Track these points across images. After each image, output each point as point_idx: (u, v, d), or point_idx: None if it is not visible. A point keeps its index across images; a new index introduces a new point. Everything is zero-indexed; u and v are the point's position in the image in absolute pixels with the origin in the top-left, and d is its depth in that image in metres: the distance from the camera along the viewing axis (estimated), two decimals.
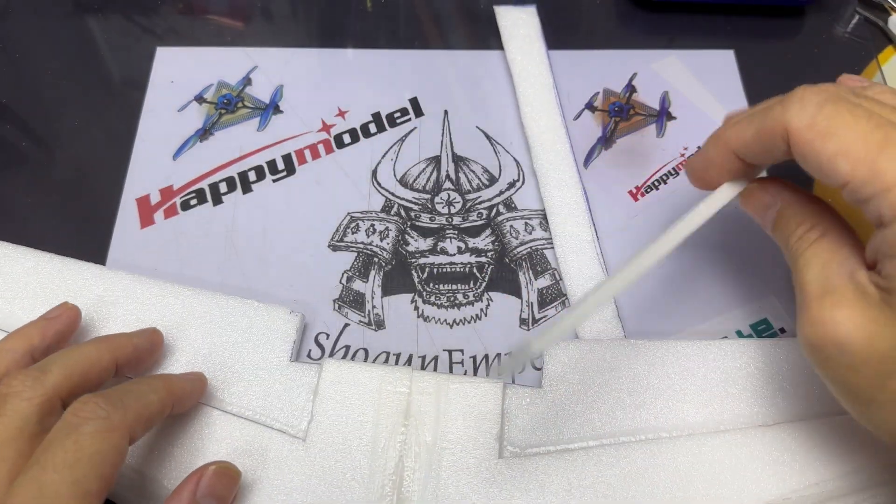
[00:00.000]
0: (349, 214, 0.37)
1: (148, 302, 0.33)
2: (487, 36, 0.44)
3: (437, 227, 0.37)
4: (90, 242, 0.36)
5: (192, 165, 0.39)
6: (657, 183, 0.38)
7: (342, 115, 0.40)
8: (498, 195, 0.38)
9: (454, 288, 0.35)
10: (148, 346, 0.30)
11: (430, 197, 0.38)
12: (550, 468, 0.29)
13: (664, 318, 0.34)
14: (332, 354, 0.33)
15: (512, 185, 0.38)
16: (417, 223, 0.37)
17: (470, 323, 0.34)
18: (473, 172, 0.38)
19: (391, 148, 0.39)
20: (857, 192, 0.22)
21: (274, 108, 0.41)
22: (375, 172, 0.38)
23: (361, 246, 0.36)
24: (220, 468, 0.27)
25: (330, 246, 0.36)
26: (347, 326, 0.34)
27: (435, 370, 0.33)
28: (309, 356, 0.33)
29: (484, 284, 0.35)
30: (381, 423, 0.29)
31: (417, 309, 0.34)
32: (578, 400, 0.31)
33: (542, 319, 0.34)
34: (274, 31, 0.44)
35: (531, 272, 0.35)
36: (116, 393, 0.25)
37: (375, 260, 0.36)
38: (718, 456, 0.29)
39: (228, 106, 0.41)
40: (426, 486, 0.28)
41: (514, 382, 0.31)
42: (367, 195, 0.38)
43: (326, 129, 0.40)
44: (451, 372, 0.33)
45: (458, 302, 0.34)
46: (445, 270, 0.35)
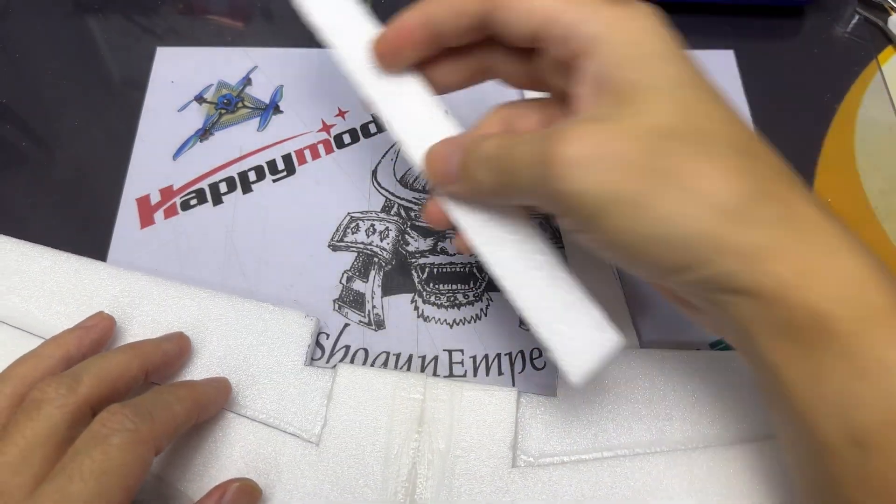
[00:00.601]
0: (349, 214, 0.37)
1: (164, 304, 0.33)
2: None
3: None
4: (90, 242, 0.36)
5: (192, 165, 0.39)
6: None
7: (342, 115, 0.40)
8: None
9: (454, 288, 0.35)
10: (176, 351, 0.30)
11: (430, 197, 0.37)
12: (564, 479, 0.28)
13: (665, 318, 0.34)
14: (331, 354, 0.33)
15: None
16: (417, 223, 0.37)
17: (470, 323, 0.34)
18: None
19: (391, 148, 0.39)
20: (553, 28, 0.23)
21: (274, 108, 0.41)
22: (375, 172, 0.38)
23: (361, 246, 0.36)
24: (243, 485, 0.27)
25: (330, 246, 0.36)
26: (347, 326, 0.34)
27: (435, 370, 0.33)
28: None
29: (484, 284, 0.35)
30: (394, 429, 0.29)
31: (417, 309, 0.34)
32: (593, 410, 0.30)
33: None
34: (274, 31, 0.44)
35: None
36: (144, 404, 0.25)
37: (375, 260, 0.36)
38: (736, 468, 0.28)
39: (228, 106, 0.41)
40: (439, 493, 0.28)
41: (513, 378, 0.31)
42: (367, 195, 0.38)
43: (326, 129, 0.40)
44: (451, 372, 0.33)
45: (458, 302, 0.34)
46: (445, 270, 0.35)
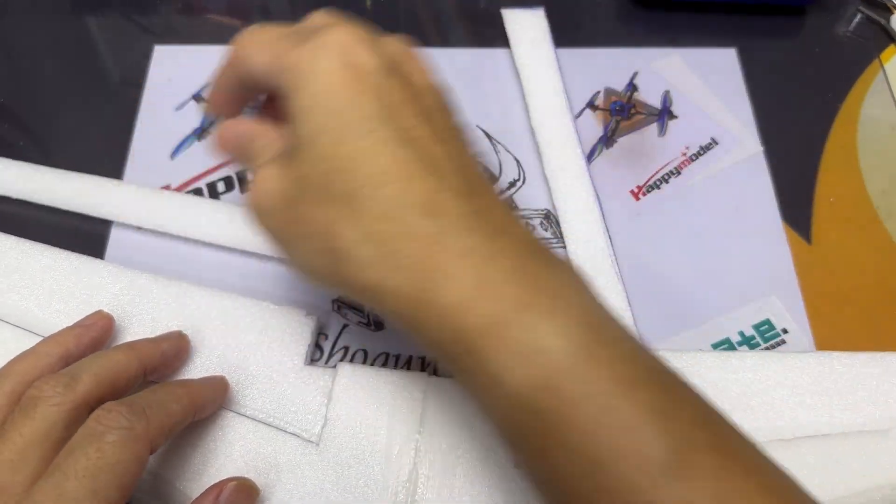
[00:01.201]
0: None
1: (164, 302, 0.32)
2: (487, 35, 0.43)
3: None
4: (88, 242, 0.35)
5: (190, 164, 0.38)
6: (659, 182, 0.38)
7: None
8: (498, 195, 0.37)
9: None
10: (175, 351, 0.30)
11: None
12: None
13: (665, 318, 0.34)
14: (330, 355, 0.33)
15: (512, 184, 0.38)
16: None
17: None
18: None
19: None
20: (268, 78, 0.25)
21: None
22: None
23: None
24: (240, 484, 0.27)
25: None
26: (346, 327, 0.34)
27: (435, 371, 0.32)
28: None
29: None
30: (395, 428, 0.29)
31: None
32: None
33: None
34: None
35: None
36: (140, 402, 0.25)
37: None
38: None
39: None
40: (440, 494, 0.28)
41: None
42: None
43: None
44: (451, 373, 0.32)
45: None
46: None
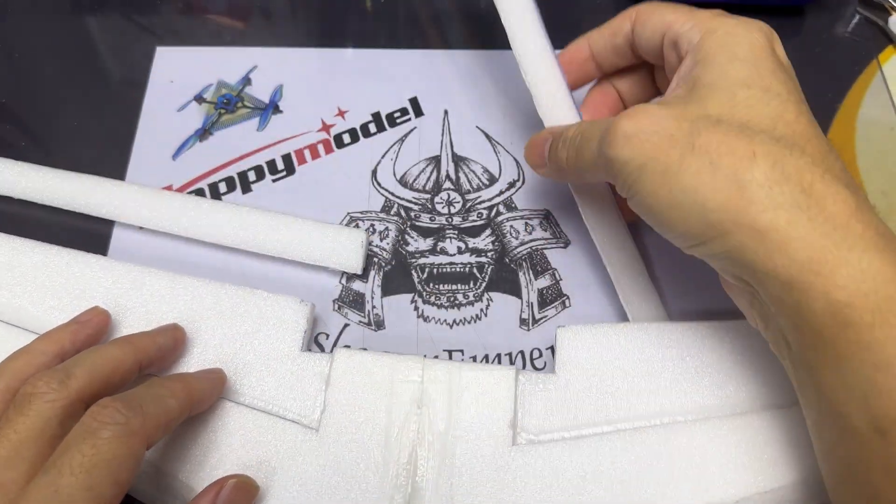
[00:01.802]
0: (349, 214, 0.37)
1: (157, 294, 0.32)
2: (487, 36, 0.44)
3: (437, 227, 0.37)
4: (90, 243, 0.36)
5: (191, 165, 0.38)
6: None
7: (342, 115, 0.40)
8: (498, 195, 0.38)
9: (454, 288, 0.35)
10: (171, 344, 0.30)
11: (430, 197, 0.37)
12: (564, 454, 0.29)
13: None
14: (339, 347, 0.33)
15: (512, 185, 0.38)
16: (417, 223, 0.37)
17: (470, 323, 0.34)
18: (473, 172, 0.38)
19: (391, 148, 0.39)
20: (676, 32, 0.28)
21: (274, 107, 0.41)
22: (375, 172, 0.38)
23: None
24: (239, 482, 0.27)
25: None
26: (347, 326, 0.34)
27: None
28: None
29: (484, 284, 0.35)
30: (393, 411, 0.29)
31: (417, 309, 0.34)
32: (592, 385, 0.30)
33: (542, 319, 0.34)
34: (274, 31, 0.44)
35: (531, 272, 0.35)
36: (136, 398, 0.25)
37: (375, 260, 0.36)
38: (734, 439, 0.28)
39: (228, 106, 0.41)
40: (440, 474, 0.28)
41: (525, 368, 0.31)
42: (366, 195, 0.38)
43: (326, 129, 0.40)
44: None
45: (458, 302, 0.34)
46: (445, 270, 0.35)
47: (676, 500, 0.28)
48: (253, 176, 0.38)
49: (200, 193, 0.38)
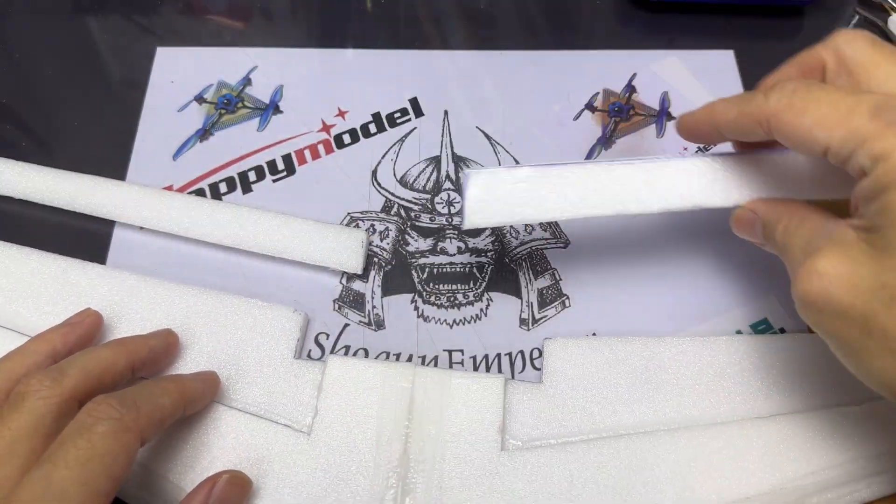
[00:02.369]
0: (349, 214, 0.37)
1: (152, 301, 0.33)
2: (487, 36, 0.44)
3: (437, 227, 0.37)
4: (90, 243, 0.36)
5: (192, 166, 0.39)
6: None
7: (342, 115, 0.40)
8: None
9: (454, 288, 0.35)
10: (163, 348, 0.30)
11: (430, 197, 0.38)
12: (552, 460, 0.29)
13: (665, 318, 0.34)
14: (332, 354, 0.33)
15: None
16: (417, 223, 0.37)
17: (470, 323, 0.34)
18: None
19: (391, 148, 0.39)
20: (837, 153, 0.23)
21: (274, 108, 0.41)
22: (375, 172, 0.38)
23: None
24: (232, 477, 0.27)
25: None
26: (347, 326, 0.34)
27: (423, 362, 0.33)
28: (309, 356, 0.33)
29: (484, 284, 0.35)
30: (385, 417, 0.30)
31: (417, 309, 0.34)
32: (578, 394, 0.31)
33: (542, 319, 0.34)
34: (274, 31, 0.44)
35: (531, 272, 0.35)
36: (130, 395, 0.25)
37: (375, 260, 0.36)
38: (716, 447, 0.29)
39: (228, 106, 0.41)
40: (430, 477, 0.29)
41: (514, 378, 0.32)
42: (367, 195, 0.38)
43: (326, 129, 0.40)
44: None
45: (458, 302, 0.34)
46: (445, 270, 0.35)
47: None
48: (253, 176, 0.38)
49: (201, 193, 0.38)
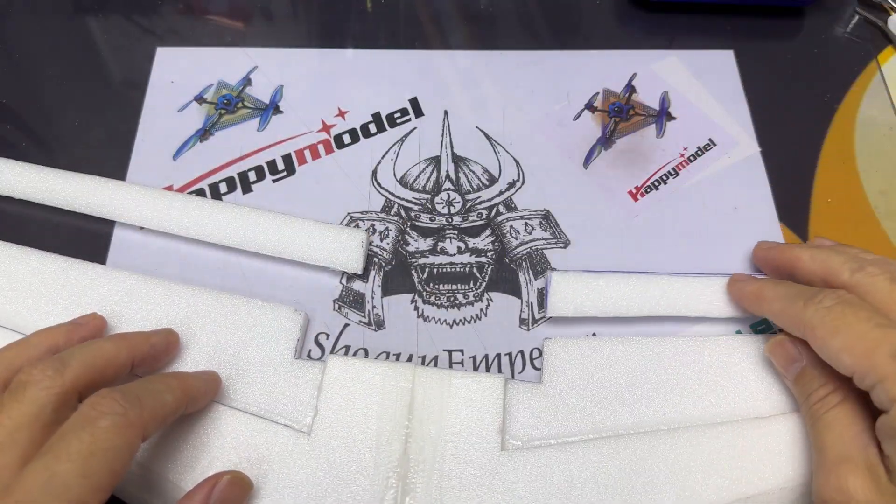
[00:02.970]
0: (349, 214, 0.37)
1: (152, 301, 0.33)
2: (487, 36, 0.44)
3: (437, 227, 0.37)
4: (90, 243, 0.36)
5: (192, 166, 0.39)
6: (657, 183, 0.38)
7: (342, 115, 0.40)
8: (498, 195, 0.38)
9: (454, 288, 0.35)
10: (164, 345, 0.30)
11: (430, 197, 0.38)
12: (552, 460, 0.29)
13: (665, 318, 0.34)
14: (332, 354, 0.33)
15: (512, 185, 0.38)
16: (417, 223, 0.37)
17: (470, 323, 0.34)
18: (473, 172, 0.38)
19: (391, 148, 0.39)
20: (860, 382, 0.25)
21: (274, 108, 0.41)
22: (375, 172, 0.38)
23: None
24: (234, 478, 0.27)
25: None
26: (347, 326, 0.34)
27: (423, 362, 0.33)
28: (309, 356, 0.33)
29: (484, 284, 0.35)
30: (385, 416, 0.30)
31: (417, 309, 0.34)
32: (578, 394, 0.31)
33: (541, 319, 0.34)
34: (274, 31, 0.44)
35: (531, 272, 0.35)
36: (133, 390, 0.25)
37: (375, 260, 0.36)
38: (716, 447, 0.29)
39: (228, 106, 0.41)
40: (430, 477, 0.29)
41: (513, 378, 0.32)
42: (367, 195, 0.38)
43: (326, 129, 0.40)
44: None
45: (458, 302, 0.35)
46: (445, 270, 0.35)
47: None
48: (253, 176, 0.38)
49: (201, 193, 0.38)
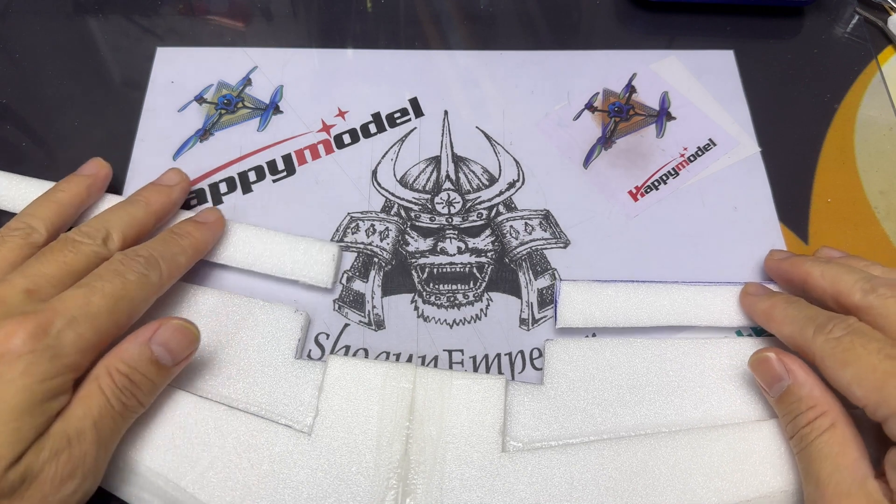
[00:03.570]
0: (349, 215, 0.37)
1: (156, 300, 0.33)
2: (487, 36, 0.44)
3: (437, 227, 0.37)
4: None
5: (192, 166, 0.39)
6: (657, 183, 0.38)
7: (342, 115, 0.41)
8: (498, 195, 0.38)
9: (454, 288, 0.35)
10: (183, 196, 0.35)
11: (430, 197, 0.38)
12: (553, 462, 0.29)
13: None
14: (332, 354, 0.33)
15: (512, 185, 0.38)
16: (417, 223, 0.37)
17: (470, 323, 0.34)
18: (473, 172, 0.38)
19: (391, 148, 0.39)
20: (873, 414, 0.25)
21: (274, 108, 0.41)
22: (375, 172, 0.38)
23: (361, 246, 0.36)
24: (181, 324, 0.28)
25: None
26: (347, 326, 0.34)
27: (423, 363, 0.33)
28: (309, 356, 0.33)
29: (484, 284, 0.35)
30: (385, 417, 0.30)
31: (417, 309, 0.34)
32: (579, 396, 0.31)
33: (541, 319, 0.34)
34: (274, 31, 0.44)
35: (531, 272, 0.35)
36: (155, 255, 0.30)
37: (375, 260, 0.36)
38: (717, 449, 0.29)
39: (228, 106, 0.41)
40: (431, 478, 0.29)
41: (514, 378, 0.32)
42: (367, 195, 0.38)
43: (326, 129, 0.40)
44: None
45: (458, 302, 0.35)
46: (445, 270, 0.35)
47: None
48: (253, 176, 0.38)
49: (201, 194, 0.38)
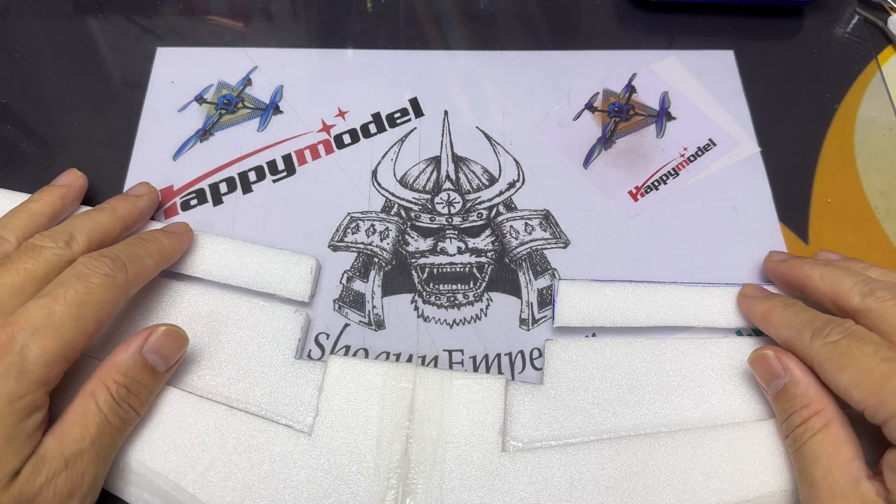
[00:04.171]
0: (349, 215, 0.37)
1: (154, 300, 0.33)
2: (487, 36, 0.44)
3: (437, 227, 0.37)
4: None
5: (192, 166, 0.39)
6: (657, 183, 0.38)
7: (342, 115, 0.41)
8: (498, 195, 0.38)
9: (454, 288, 0.35)
10: (150, 207, 0.35)
11: (430, 197, 0.38)
12: (553, 462, 0.29)
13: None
14: (332, 354, 0.33)
15: (512, 185, 0.38)
16: (417, 223, 0.37)
17: (470, 323, 0.34)
18: (473, 173, 0.38)
19: (391, 148, 0.39)
20: (872, 417, 0.25)
21: (274, 108, 0.41)
22: (375, 173, 0.38)
23: (361, 246, 0.36)
24: (169, 329, 0.29)
25: (330, 246, 0.36)
26: (347, 326, 0.34)
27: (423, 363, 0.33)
28: (309, 356, 0.33)
29: (484, 284, 0.35)
30: (385, 417, 0.30)
31: (417, 309, 0.34)
32: (579, 396, 0.31)
33: (542, 319, 0.34)
34: (274, 31, 0.44)
35: (531, 272, 0.35)
36: (121, 256, 0.29)
37: (375, 260, 0.36)
38: (717, 449, 0.29)
39: (229, 106, 0.41)
40: (431, 478, 0.29)
41: (514, 378, 0.32)
42: (367, 195, 0.38)
43: (326, 129, 0.40)
44: None
45: (458, 302, 0.35)
46: (445, 270, 0.35)
47: None
48: (253, 176, 0.38)
49: (201, 194, 0.38)
